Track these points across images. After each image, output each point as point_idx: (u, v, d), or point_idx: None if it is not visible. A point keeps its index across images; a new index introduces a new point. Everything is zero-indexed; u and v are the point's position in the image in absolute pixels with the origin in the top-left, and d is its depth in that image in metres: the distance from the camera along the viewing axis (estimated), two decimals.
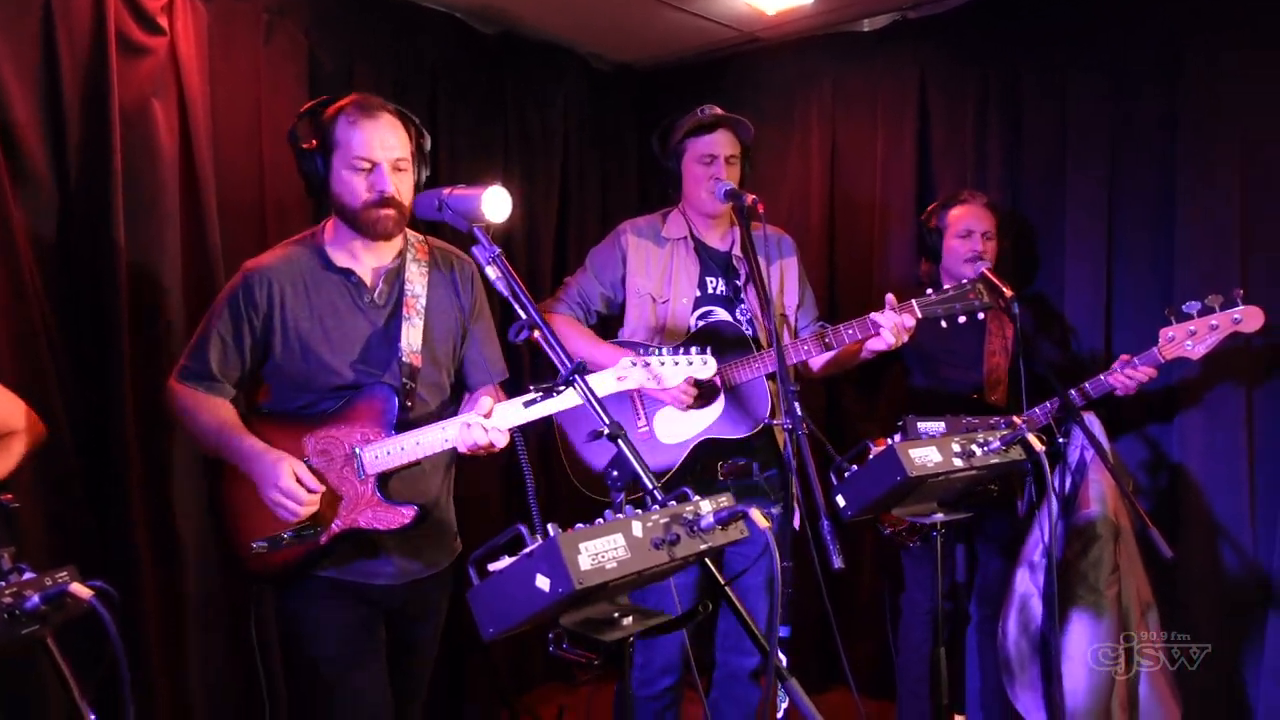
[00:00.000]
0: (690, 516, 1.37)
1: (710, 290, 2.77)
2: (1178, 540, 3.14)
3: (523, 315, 1.75)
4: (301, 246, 2.16)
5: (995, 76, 3.54)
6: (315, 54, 3.20)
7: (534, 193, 4.00)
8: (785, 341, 2.66)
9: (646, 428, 2.66)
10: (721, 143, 2.71)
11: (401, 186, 2.06)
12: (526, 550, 1.23)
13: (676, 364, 1.97)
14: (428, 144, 2.17)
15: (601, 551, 1.23)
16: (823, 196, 3.99)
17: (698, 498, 1.44)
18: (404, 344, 2.11)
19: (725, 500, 1.43)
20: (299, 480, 1.99)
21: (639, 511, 1.36)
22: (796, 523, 2.59)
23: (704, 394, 2.63)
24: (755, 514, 1.37)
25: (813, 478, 2.07)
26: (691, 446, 2.61)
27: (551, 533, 1.22)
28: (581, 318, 2.80)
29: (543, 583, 1.20)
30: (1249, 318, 2.66)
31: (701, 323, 2.73)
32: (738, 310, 2.75)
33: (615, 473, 1.62)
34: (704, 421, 2.63)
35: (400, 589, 2.18)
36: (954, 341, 3.15)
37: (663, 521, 1.34)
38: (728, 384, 2.62)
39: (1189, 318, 2.72)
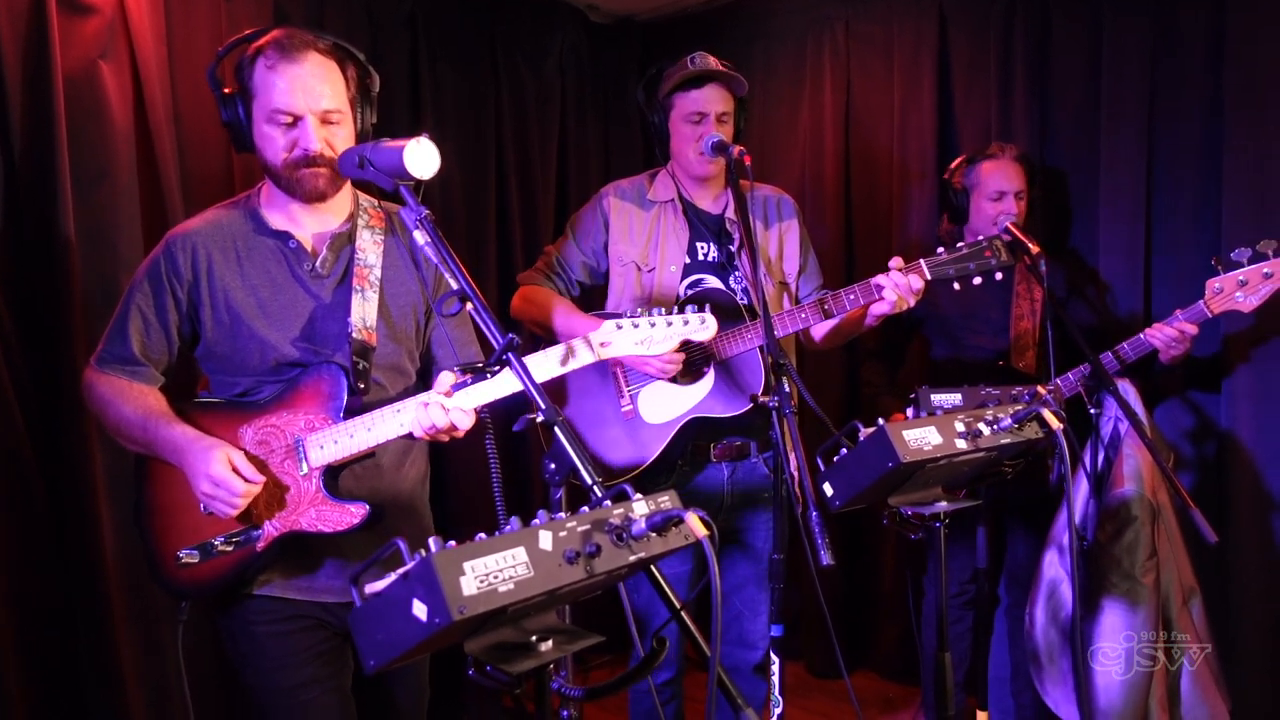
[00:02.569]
0: (619, 522, 1.14)
1: (701, 256, 2.51)
2: (1226, 519, 2.86)
3: (453, 284, 1.52)
4: (234, 209, 1.88)
5: (1022, 9, 3.22)
6: (281, 7, 2.98)
7: (529, 156, 3.77)
8: (785, 309, 2.41)
9: (631, 406, 2.42)
10: (712, 99, 2.42)
11: (334, 140, 1.78)
12: (402, 570, 1.01)
13: (670, 324, 1.70)
14: (375, 85, 1.87)
15: (493, 571, 1.01)
16: (837, 152, 3.71)
17: (639, 498, 1.21)
18: (354, 319, 1.82)
19: (666, 501, 1.20)
20: (235, 469, 1.71)
21: (560, 517, 1.13)
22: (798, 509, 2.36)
23: (693, 367, 2.39)
24: (692, 518, 1.14)
25: (801, 462, 1.83)
26: (679, 426, 2.37)
27: (433, 548, 1.00)
28: (562, 289, 2.57)
29: (420, 610, 0.98)
30: None
31: (691, 291, 2.48)
32: (731, 278, 2.49)
33: (552, 465, 1.39)
34: (693, 399, 2.39)
35: None
36: (979, 307, 2.89)
37: (581, 530, 1.11)
38: (719, 357, 2.38)
39: (1238, 266, 2.44)
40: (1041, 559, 2.67)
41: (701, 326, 1.70)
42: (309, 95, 1.73)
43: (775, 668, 2.04)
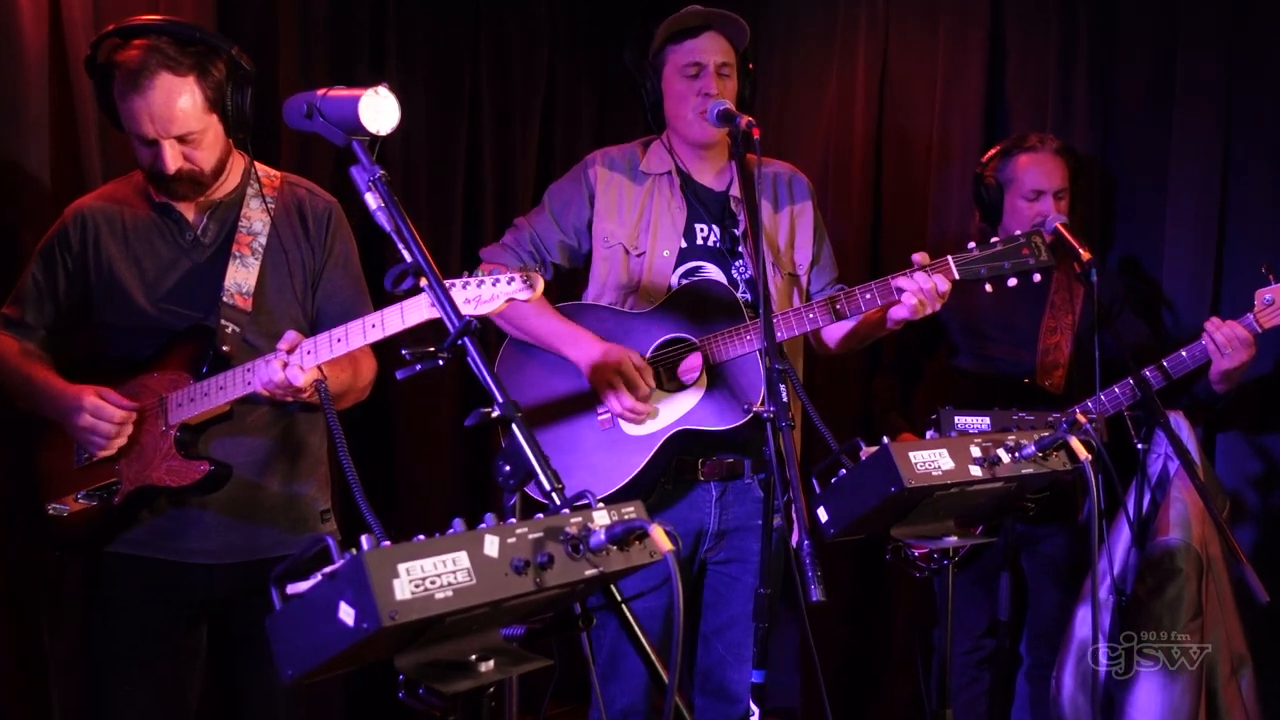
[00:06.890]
0: (576, 531, 1.21)
1: (699, 240, 2.59)
2: None
3: (407, 257, 1.59)
4: (127, 183, 2.27)
5: None
6: None
7: (509, 116, 3.85)
8: (793, 308, 2.48)
9: (608, 416, 2.49)
10: (709, 49, 2.51)
11: (195, 154, 2.10)
12: (329, 569, 1.08)
13: (496, 283, 1.90)
14: (247, 67, 2.13)
15: (431, 576, 1.08)
16: (868, 132, 3.81)
17: (601, 506, 1.28)
18: (229, 284, 2.16)
19: (631, 511, 1.27)
20: (107, 401, 2.06)
21: (511, 522, 1.20)
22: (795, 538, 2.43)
23: (673, 371, 2.47)
24: (657, 532, 1.21)
25: (795, 482, 1.89)
26: (662, 441, 2.44)
27: (364, 546, 1.07)
28: (533, 271, 2.64)
29: (346, 614, 1.05)
30: None
31: (685, 281, 2.55)
32: (734, 267, 2.57)
33: (507, 468, 1.46)
34: (680, 409, 2.45)
35: (222, 572, 2.18)
36: (1011, 315, 2.97)
37: (532, 538, 1.18)
38: (712, 361, 2.45)
39: None
40: (1073, 615, 2.75)
41: (525, 287, 1.86)
42: (159, 123, 2.04)
43: (755, 715, 2.11)
